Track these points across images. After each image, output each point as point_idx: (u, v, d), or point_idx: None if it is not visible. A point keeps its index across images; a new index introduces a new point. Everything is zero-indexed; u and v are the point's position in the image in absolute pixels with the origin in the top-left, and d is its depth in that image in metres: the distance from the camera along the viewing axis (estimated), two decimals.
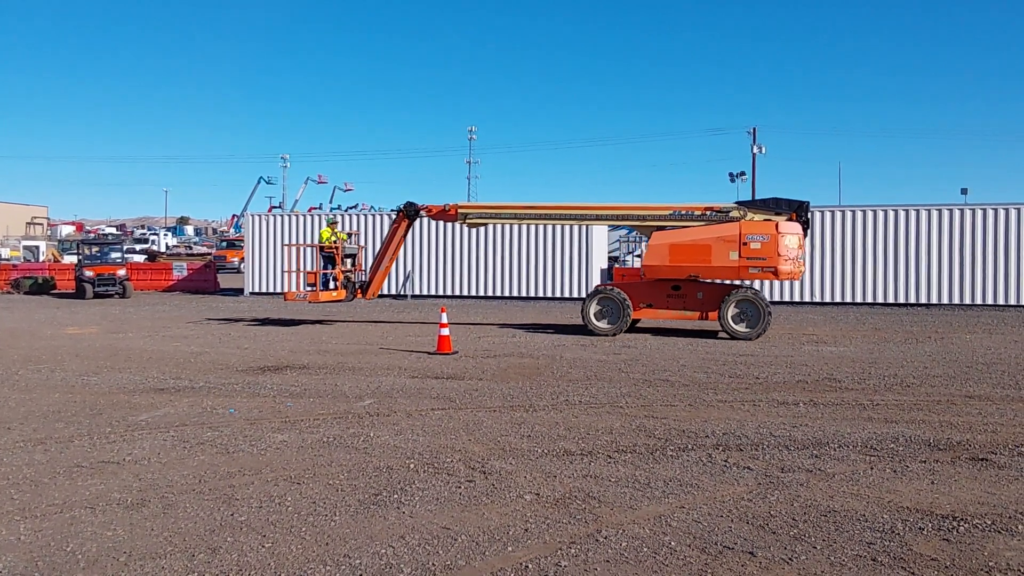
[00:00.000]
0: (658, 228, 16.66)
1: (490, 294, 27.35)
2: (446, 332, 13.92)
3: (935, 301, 23.93)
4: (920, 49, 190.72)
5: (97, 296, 28.42)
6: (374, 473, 6.48)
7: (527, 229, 26.87)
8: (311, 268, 20.32)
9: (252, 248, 29.68)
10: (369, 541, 5.01)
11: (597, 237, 27.43)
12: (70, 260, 39.09)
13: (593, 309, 16.77)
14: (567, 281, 26.86)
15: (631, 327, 16.90)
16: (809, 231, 23.94)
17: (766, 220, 15.85)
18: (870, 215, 24.57)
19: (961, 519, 5.35)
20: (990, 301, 23.59)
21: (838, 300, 24.63)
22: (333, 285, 18.94)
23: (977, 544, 4.93)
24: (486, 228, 25.96)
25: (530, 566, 4.62)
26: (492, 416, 8.66)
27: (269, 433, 7.88)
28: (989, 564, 4.63)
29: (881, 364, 12.42)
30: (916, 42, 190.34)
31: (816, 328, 18.12)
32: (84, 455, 7.10)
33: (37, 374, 11.63)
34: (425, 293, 27.83)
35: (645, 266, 16.60)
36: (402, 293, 27.68)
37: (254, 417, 8.64)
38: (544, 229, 26.62)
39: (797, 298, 24.86)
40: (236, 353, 13.90)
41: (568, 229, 26.30)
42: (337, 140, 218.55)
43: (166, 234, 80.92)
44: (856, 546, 4.91)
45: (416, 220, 19.33)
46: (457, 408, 9.10)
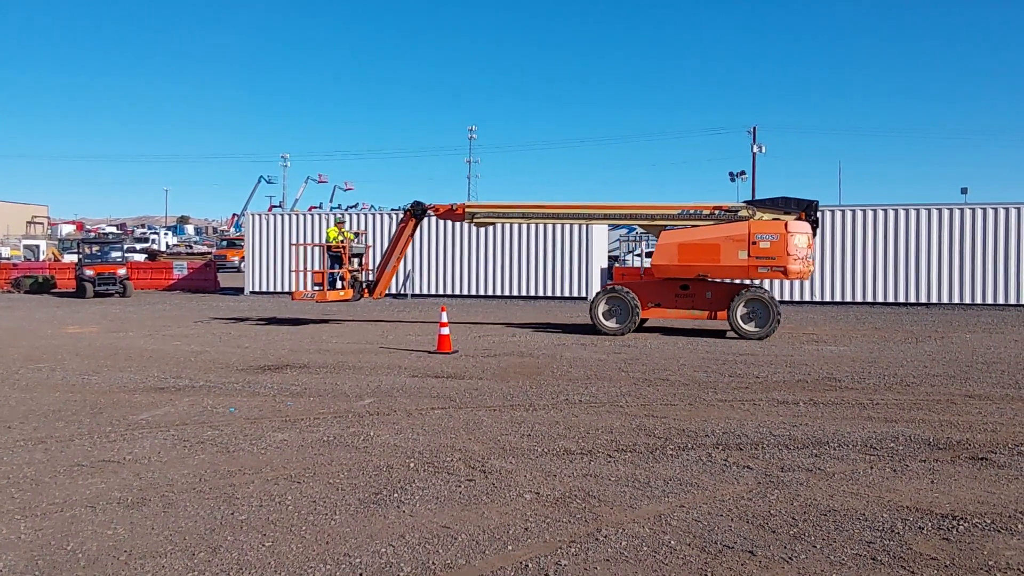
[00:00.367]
0: (666, 227, 16.67)
1: (490, 293, 27.36)
2: (446, 331, 13.92)
3: (935, 300, 23.94)
4: (920, 48, 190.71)
5: (97, 295, 28.44)
6: (374, 472, 6.49)
7: (527, 229, 26.86)
8: (317, 268, 20.29)
9: (252, 247, 29.70)
10: (369, 540, 5.02)
11: (597, 237, 27.41)
12: (70, 259, 39.05)
13: (602, 308, 16.74)
14: (567, 281, 26.86)
15: (639, 326, 16.89)
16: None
17: (775, 219, 15.82)
18: (870, 214, 24.58)
19: (961, 518, 5.36)
20: (990, 300, 23.60)
21: (838, 299, 24.64)
22: (340, 285, 18.94)
23: (977, 543, 4.94)
24: (487, 227, 25.96)
25: (530, 565, 4.63)
26: (492, 415, 8.67)
27: (269, 432, 7.89)
28: (989, 563, 4.63)
29: (881, 363, 12.43)
30: (916, 42, 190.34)
31: (816, 327, 18.13)
32: (84, 454, 7.10)
33: (37, 373, 11.64)
34: (425, 292, 27.84)
35: (654, 265, 16.59)
36: (402, 292, 27.69)
37: (254, 416, 8.65)
38: (544, 229, 26.61)
39: (797, 297, 24.87)
40: (236, 352, 13.90)
41: (568, 229, 26.30)
42: (337, 139, 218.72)
43: (166, 233, 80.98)
44: (856, 545, 4.91)
45: (423, 219, 19.35)
46: (457, 407, 9.10)
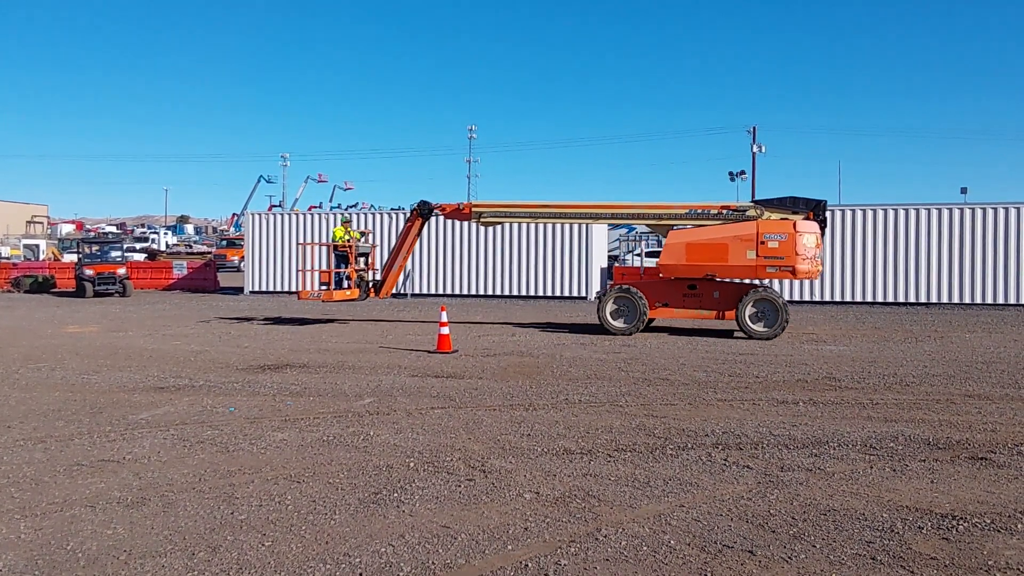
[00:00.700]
0: (674, 227, 16.65)
1: (490, 293, 27.36)
2: (446, 331, 13.92)
3: (935, 300, 23.95)
4: (920, 48, 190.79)
5: (97, 295, 28.45)
6: (374, 472, 6.49)
7: (527, 228, 26.86)
8: (323, 267, 20.26)
9: (252, 247, 29.70)
10: (369, 540, 5.02)
11: (597, 236, 27.41)
12: (70, 259, 39.06)
13: (609, 308, 16.69)
14: (567, 280, 26.87)
15: (646, 326, 16.87)
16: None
17: (783, 219, 15.80)
18: (870, 214, 24.58)
19: (960, 518, 5.36)
20: (989, 300, 23.60)
21: (838, 299, 24.65)
22: (346, 284, 18.93)
23: (976, 543, 4.93)
24: (487, 227, 25.95)
25: (530, 565, 4.63)
26: (492, 415, 8.67)
27: (269, 432, 7.89)
28: (988, 563, 4.63)
29: (881, 363, 12.43)
30: (916, 41, 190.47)
31: (816, 327, 18.13)
32: (84, 453, 7.10)
33: (37, 372, 11.64)
34: (425, 292, 27.85)
35: (661, 265, 16.56)
36: (402, 292, 27.69)
37: (254, 416, 8.65)
38: (544, 228, 26.61)
39: (797, 297, 24.88)
40: (236, 352, 13.90)
41: (568, 228, 26.29)
42: (337, 139, 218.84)
43: (166, 233, 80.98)
44: (855, 545, 4.91)
45: (430, 219, 19.35)
46: (457, 407, 9.10)
